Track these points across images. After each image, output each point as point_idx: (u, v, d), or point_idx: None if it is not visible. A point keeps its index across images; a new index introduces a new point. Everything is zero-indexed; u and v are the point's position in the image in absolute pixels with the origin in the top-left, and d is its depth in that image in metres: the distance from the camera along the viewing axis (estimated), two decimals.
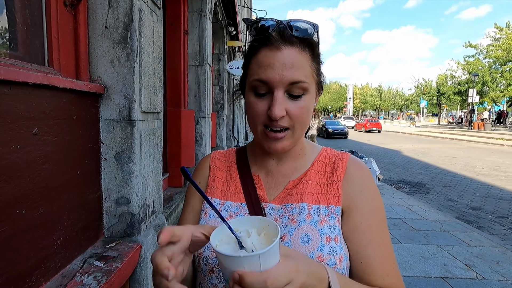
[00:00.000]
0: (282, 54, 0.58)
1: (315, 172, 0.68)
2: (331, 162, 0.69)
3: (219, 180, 0.72)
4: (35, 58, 1.14)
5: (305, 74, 0.59)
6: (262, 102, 0.60)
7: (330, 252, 0.57)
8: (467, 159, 10.72)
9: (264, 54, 0.60)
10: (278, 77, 0.58)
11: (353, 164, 0.68)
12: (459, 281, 2.67)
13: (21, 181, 0.94)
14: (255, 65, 0.61)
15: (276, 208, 0.65)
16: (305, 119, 0.62)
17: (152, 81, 1.59)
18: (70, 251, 1.19)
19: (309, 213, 0.62)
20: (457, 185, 6.79)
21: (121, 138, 1.40)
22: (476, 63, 29.60)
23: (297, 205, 0.63)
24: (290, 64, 0.58)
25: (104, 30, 1.36)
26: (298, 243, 0.58)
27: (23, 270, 0.95)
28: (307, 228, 0.59)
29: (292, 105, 0.60)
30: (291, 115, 0.59)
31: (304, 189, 0.65)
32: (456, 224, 4.15)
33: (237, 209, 0.66)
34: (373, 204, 0.64)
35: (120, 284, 1.26)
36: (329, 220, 0.61)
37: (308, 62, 0.61)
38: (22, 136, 0.94)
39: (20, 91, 0.93)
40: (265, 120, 0.60)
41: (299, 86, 0.59)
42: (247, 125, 1.28)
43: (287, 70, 0.58)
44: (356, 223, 0.62)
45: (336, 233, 0.60)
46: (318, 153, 0.72)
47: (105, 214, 1.43)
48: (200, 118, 3.53)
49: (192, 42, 3.47)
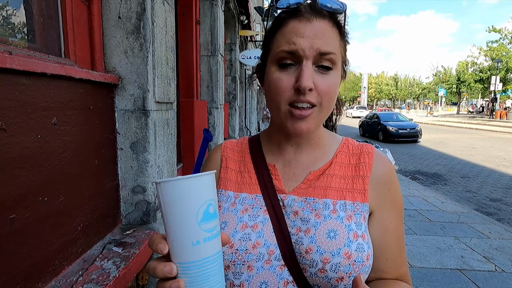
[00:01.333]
0: (313, 25, 0.55)
1: (339, 165, 0.64)
2: (356, 154, 0.65)
3: (232, 171, 0.69)
4: (52, 49, 1.16)
5: (334, 47, 0.57)
6: (287, 76, 0.56)
7: (358, 249, 0.55)
8: (488, 150, 10.33)
9: (293, 25, 0.56)
10: (308, 45, 0.54)
11: (380, 159, 0.65)
12: (476, 273, 2.62)
13: (43, 169, 0.97)
14: (281, 37, 0.57)
15: (296, 199, 0.61)
16: (333, 98, 0.59)
17: (165, 71, 1.59)
18: (90, 237, 1.24)
19: (334, 208, 0.59)
20: (477, 176, 6.57)
21: (136, 128, 1.43)
22: (500, 49, 28.14)
23: (321, 200, 0.60)
24: (321, 34, 0.55)
25: (117, 21, 1.37)
26: (324, 238, 0.55)
27: (47, 254, 1.00)
28: (333, 223, 0.57)
29: (320, 79, 0.56)
30: (319, 90, 0.55)
31: (328, 183, 0.62)
32: (475, 216, 4.04)
33: (252, 201, 0.63)
34: (399, 202, 0.64)
35: (138, 269, 1.30)
36: (355, 216, 0.59)
37: (337, 38, 0.58)
38: (42, 126, 0.96)
39: (39, 81, 0.95)
40: (291, 95, 0.56)
41: (329, 57, 0.56)
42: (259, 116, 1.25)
43: (318, 39, 0.55)
44: (387, 224, 0.62)
45: (362, 230, 0.58)
46: (340, 144, 0.68)
47: (122, 202, 1.47)
48: (212, 109, 3.54)
49: (204, 32, 3.45)
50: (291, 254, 0.56)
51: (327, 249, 0.54)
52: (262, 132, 0.73)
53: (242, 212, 0.62)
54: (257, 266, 0.57)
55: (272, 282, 0.56)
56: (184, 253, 0.41)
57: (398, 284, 0.62)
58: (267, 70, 0.60)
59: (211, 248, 0.42)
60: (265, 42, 0.62)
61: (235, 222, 0.60)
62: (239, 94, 6.27)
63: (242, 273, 0.57)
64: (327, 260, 0.54)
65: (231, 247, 0.58)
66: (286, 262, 0.56)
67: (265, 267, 0.57)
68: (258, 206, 0.62)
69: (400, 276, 0.63)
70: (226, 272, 0.59)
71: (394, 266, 0.62)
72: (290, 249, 0.57)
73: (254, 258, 0.57)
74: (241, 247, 0.58)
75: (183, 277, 0.41)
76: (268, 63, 0.60)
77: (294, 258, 0.56)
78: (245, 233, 0.59)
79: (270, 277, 0.57)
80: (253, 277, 0.57)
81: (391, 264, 0.62)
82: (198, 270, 0.41)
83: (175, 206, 0.41)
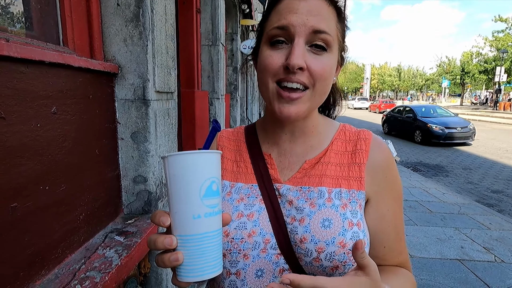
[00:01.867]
0: (307, 2, 0.53)
1: (335, 152, 0.63)
2: (353, 141, 0.63)
3: (228, 160, 0.68)
4: (50, 37, 1.14)
5: (329, 27, 0.54)
6: (278, 53, 0.54)
7: (353, 238, 0.54)
8: (491, 141, 10.27)
9: (287, 2, 0.54)
10: (301, 22, 0.52)
11: (377, 145, 0.63)
12: (476, 264, 2.64)
13: (43, 158, 0.97)
14: (274, 14, 0.55)
15: (291, 189, 0.61)
16: (327, 81, 0.56)
17: (165, 60, 1.57)
18: (92, 226, 1.25)
19: (329, 197, 0.58)
20: (478, 168, 6.56)
21: (137, 117, 1.42)
22: (506, 39, 27.65)
23: (316, 188, 0.59)
24: (316, 11, 0.53)
25: (116, 8, 1.35)
26: (318, 227, 0.55)
27: (50, 243, 1.00)
28: (327, 212, 0.56)
29: (313, 60, 0.53)
30: (311, 71, 0.53)
31: (323, 171, 0.61)
32: (476, 207, 4.05)
33: (248, 191, 0.63)
34: (396, 189, 0.63)
35: (140, 258, 1.31)
36: (350, 204, 0.58)
37: (334, 20, 0.56)
38: (41, 114, 0.96)
39: (37, 70, 0.94)
40: (280, 73, 0.53)
41: (322, 37, 0.53)
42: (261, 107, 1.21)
43: (312, 17, 0.52)
44: (384, 211, 0.61)
45: (358, 218, 0.57)
46: (337, 130, 0.66)
47: (123, 192, 1.48)
48: (213, 99, 3.52)
49: (205, 20, 3.40)
50: (287, 243, 0.56)
51: (322, 238, 0.54)
52: (258, 121, 0.72)
53: (238, 201, 0.62)
54: (252, 254, 0.57)
55: (268, 270, 0.56)
56: (185, 225, 0.42)
57: (397, 270, 0.62)
58: (260, 50, 0.58)
59: (211, 224, 0.43)
60: (261, 24, 0.60)
61: (231, 211, 0.60)
62: (241, 84, 6.23)
63: (238, 262, 0.57)
64: (321, 249, 0.53)
65: (226, 236, 0.58)
66: (282, 251, 0.56)
67: (261, 256, 0.57)
68: (253, 195, 0.62)
69: (400, 263, 0.63)
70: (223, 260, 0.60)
71: (392, 254, 0.62)
72: (286, 238, 0.56)
73: (250, 247, 0.57)
74: (237, 236, 0.57)
75: (182, 250, 0.42)
76: (262, 44, 0.58)
77: (290, 247, 0.56)
78: (240, 222, 0.59)
79: (266, 265, 0.57)
80: (249, 265, 0.57)
81: (389, 252, 0.62)
82: (197, 244, 0.42)
83: (179, 180, 0.42)
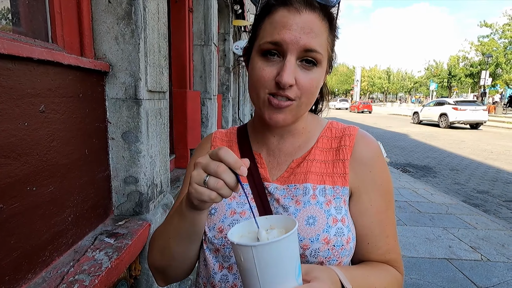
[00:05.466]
0: (302, 17, 0.54)
1: (320, 149, 0.64)
2: (338, 137, 0.64)
3: None
4: (39, 34, 1.11)
5: (321, 44, 0.55)
6: (270, 67, 0.55)
7: (337, 234, 0.56)
8: (476, 143, 10.55)
9: (281, 15, 0.54)
10: (293, 40, 0.53)
11: (362, 140, 0.63)
12: (463, 263, 2.69)
13: (30, 158, 0.94)
14: (269, 25, 0.56)
15: (279, 188, 0.62)
16: (313, 94, 0.58)
17: (157, 59, 1.55)
18: (81, 227, 1.22)
19: (314, 193, 0.59)
20: (465, 169, 6.72)
21: (128, 117, 1.39)
22: (491, 44, 28.50)
23: (301, 185, 0.60)
24: (308, 28, 0.54)
25: (107, 5, 1.32)
26: (303, 224, 0.56)
27: (37, 245, 0.97)
28: (312, 210, 0.57)
29: (302, 75, 0.55)
30: (300, 85, 0.55)
31: (308, 168, 0.62)
32: (463, 207, 4.14)
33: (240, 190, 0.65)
34: (382, 184, 0.62)
35: (130, 260, 1.29)
36: (335, 201, 0.59)
37: (326, 33, 0.57)
38: (29, 113, 0.93)
39: (25, 67, 0.91)
40: (271, 87, 0.55)
41: (313, 55, 0.55)
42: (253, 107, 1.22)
43: (305, 35, 0.53)
44: (366, 206, 0.60)
45: (343, 214, 0.58)
46: (324, 128, 0.67)
47: (114, 193, 1.45)
48: (206, 100, 3.49)
49: (197, 20, 3.38)
50: None
51: (306, 235, 0.55)
52: (249, 122, 0.73)
53: (230, 199, 0.63)
54: None
55: None
56: None
57: (376, 264, 0.61)
58: (252, 56, 0.59)
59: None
60: (254, 27, 0.61)
61: (224, 209, 0.62)
62: (233, 85, 6.21)
63: (231, 256, 0.59)
64: (306, 246, 0.55)
65: (221, 232, 0.60)
66: None
67: None
68: (244, 194, 0.63)
69: (387, 262, 0.62)
70: (216, 255, 0.61)
71: (377, 251, 0.61)
72: None
73: None
74: None
75: None
76: (254, 51, 0.59)
77: None
78: (233, 219, 0.60)
79: None
80: None
81: (373, 249, 0.61)
82: None
83: (273, 268, 0.40)
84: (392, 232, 0.62)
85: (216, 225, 0.60)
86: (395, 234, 0.63)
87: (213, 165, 0.44)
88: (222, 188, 0.44)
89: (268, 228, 0.48)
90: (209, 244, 0.60)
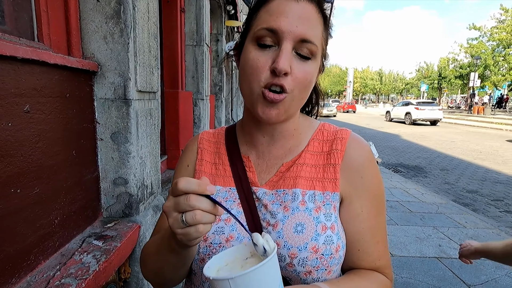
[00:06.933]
0: (299, 5, 0.52)
1: (310, 153, 0.62)
2: (329, 141, 0.62)
3: (208, 163, 0.66)
4: (24, 32, 1.08)
5: (316, 36, 0.54)
6: (265, 56, 0.53)
7: (326, 242, 0.54)
8: (466, 143, 10.75)
9: (278, 2, 0.53)
10: (290, 28, 0.51)
11: (353, 144, 0.61)
12: (453, 261, 2.73)
13: (14, 159, 0.92)
14: (265, 14, 0.54)
15: (267, 193, 0.59)
16: (306, 88, 0.56)
17: (147, 59, 1.54)
18: (68, 230, 1.19)
19: (303, 199, 0.57)
20: (455, 169, 6.84)
21: (117, 117, 1.37)
22: (479, 46, 29.11)
23: (290, 191, 0.58)
24: (305, 18, 0.52)
25: (96, 4, 1.30)
26: (291, 232, 0.54)
27: (21, 248, 0.95)
28: (301, 216, 0.55)
29: (298, 65, 0.53)
30: (294, 76, 0.53)
31: (298, 173, 0.59)
32: (452, 207, 4.21)
33: (226, 194, 0.61)
34: (374, 189, 0.60)
35: (120, 263, 1.27)
36: (324, 207, 0.56)
37: (321, 27, 0.55)
38: (13, 113, 0.91)
39: (8, 66, 0.89)
40: (267, 77, 0.52)
41: (309, 47, 0.53)
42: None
43: (302, 24, 0.52)
44: (358, 212, 0.59)
45: (332, 221, 0.56)
46: (315, 130, 0.65)
47: (102, 195, 1.43)
48: (198, 100, 3.47)
49: (189, 20, 3.36)
50: None
51: (294, 244, 0.53)
52: (238, 122, 0.71)
53: None
54: None
55: None
56: None
57: (365, 272, 0.59)
58: (245, 48, 0.57)
59: None
60: (247, 19, 0.59)
61: None
62: (226, 85, 6.19)
63: None
64: (294, 255, 0.53)
65: (205, 241, 0.57)
66: None
67: None
68: (231, 199, 0.61)
69: (377, 269, 0.60)
70: (201, 264, 0.58)
71: (368, 258, 0.59)
72: None
73: None
74: (215, 241, 0.56)
75: None
76: (247, 41, 0.56)
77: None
78: (218, 227, 0.58)
79: None
80: None
81: (364, 256, 0.59)
82: None
83: None
84: (382, 238, 0.61)
85: None
86: (385, 240, 0.62)
87: (181, 201, 0.42)
88: (202, 218, 0.42)
89: (248, 256, 0.47)
90: (195, 255, 0.58)
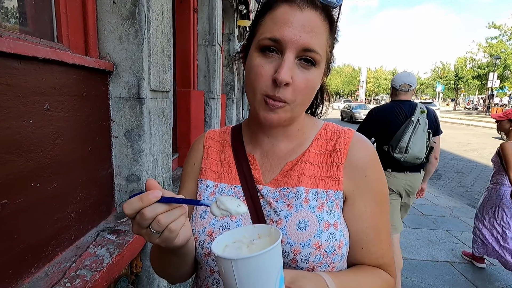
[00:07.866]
0: (303, 14, 0.53)
1: (314, 152, 0.63)
2: (333, 140, 0.63)
3: (213, 161, 0.68)
4: (44, 33, 1.13)
5: (320, 45, 0.55)
6: (268, 64, 0.54)
7: (329, 239, 0.55)
8: (482, 146, 10.43)
9: (283, 11, 0.54)
10: (293, 38, 0.52)
11: (357, 144, 0.62)
12: (466, 266, 2.67)
13: (35, 155, 0.96)
14: (269, 21, 0.55)
15: (271, 191, 0.61)
16: (309, 95, 0.57)
17: (161, 59, 1.57)
18: (83, 224, 1.24)
19: (306, 197, 0.58)
20: (470, 172, 6.65)
21: (131, 116, 1.41)
22: (499, 45, 28.12)
23: (294, 189, 0.60)
24: (309, 27, 0.53)
25: (112, 6, 1.34)
26: (294, 229, 0.55)
27: (40, 240, 1.00)
28: (304, 214, 0.56)
29: (299, 74, 0.54)
30: (295, 86, 0.54)
31: (301, 171, 0.61)
32: (467, 210, 4.10)
33: (231, 192, 0.64)
34: (377, 189, 0.61)
35: (132, 257, 1.31)
36: (327, 205, 0.58)
37: (326, 34, 0.56)
38: (34, 111, 0.95)
39: (30, 66, 0.93)
40: (268, 87, 0.54)
41: (311, 55, 0.54)
42: None
43: (305, 33, 0.53)
44: (361, 211, 0.60)
45: (335, 218, 0.57)
46: (319, 130, 0.66)
47: (116, 190, 1.47)
48: (209, 99, 3.51)
49: (202, 20, 3.40)
50: None
51: (297, 240, 0.55)
52: (244, 121, 0.72)
53: None
54: None
55: None
56: None
57: (372, 269, 0.60)
58: (250, 53, 0.59)
59: None
60: (254, 23, 0.60)
61: None
62: (237, 85, 6.23)
63: None
64: (297, 251, 0.54)
65: (210, 236, 0.59)
66: None
67: None
68: (237, 196, 0.63)
69: (380, 266, 0.61)
70: (206, 259, 0.60)
71: (371, 256, 0.60)
72: None
73: None
74: None
75: None
76: (252, 47, 0.58)
77: None
78: (224, 222, 0.60)
79: None
80: None
81: (367, 254, 0.60)
82: None
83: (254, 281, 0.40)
84: (386, 237, 0.62)
85: (206, 228, 0.60)
86: (388, 239, 0.63)
87: (138, 220, 0.44)
88: (167, 219, 0.44)
89: (255, 238, 0.49)
90: (199, 249, 0.60)
